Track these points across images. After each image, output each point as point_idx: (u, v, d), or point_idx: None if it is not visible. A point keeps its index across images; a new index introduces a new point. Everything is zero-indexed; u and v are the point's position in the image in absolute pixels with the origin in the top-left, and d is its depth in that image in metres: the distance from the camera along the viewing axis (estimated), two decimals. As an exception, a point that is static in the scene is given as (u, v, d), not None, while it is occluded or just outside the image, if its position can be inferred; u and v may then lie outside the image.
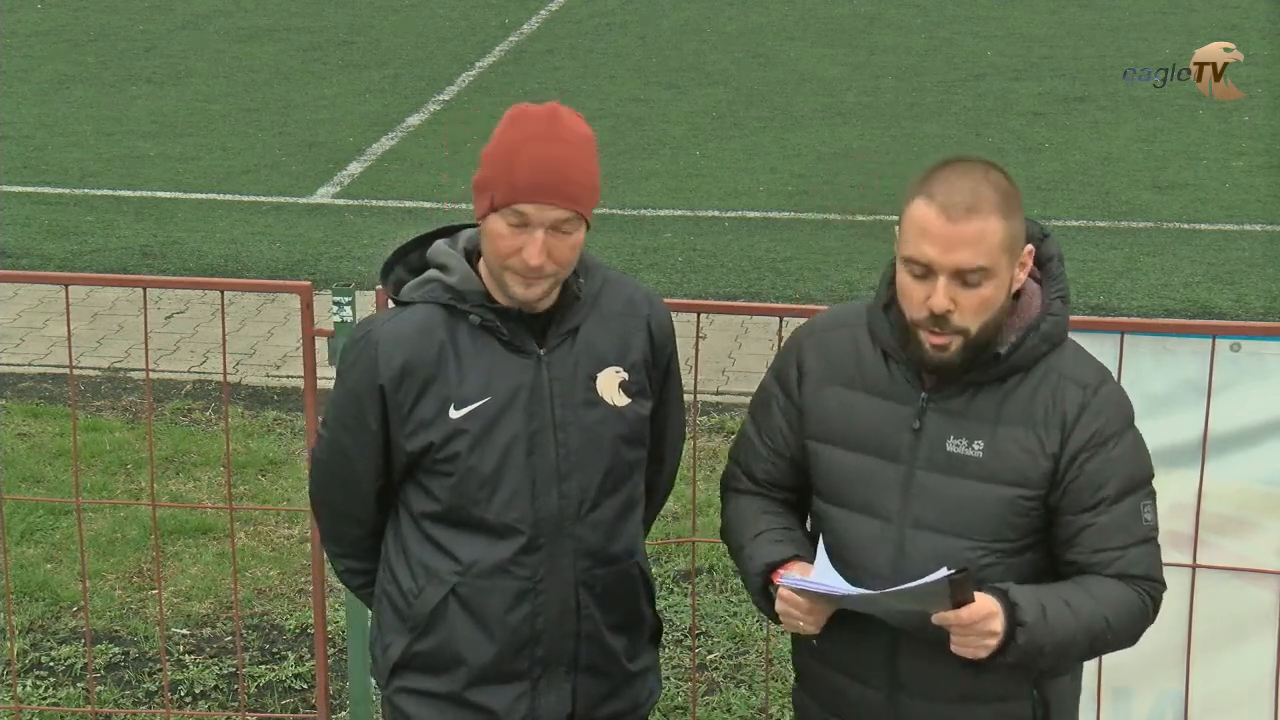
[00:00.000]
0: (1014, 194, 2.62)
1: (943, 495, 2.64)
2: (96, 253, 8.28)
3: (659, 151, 10.25)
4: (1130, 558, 2.63)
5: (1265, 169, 9.78)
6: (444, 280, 2.80)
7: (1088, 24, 13.58)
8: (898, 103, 11.36)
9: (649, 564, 2.98)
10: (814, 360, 2.76)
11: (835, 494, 2.73)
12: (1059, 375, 2.65)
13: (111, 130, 10.65)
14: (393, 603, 2.89)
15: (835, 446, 2.72)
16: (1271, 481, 3.47)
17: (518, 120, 2.76)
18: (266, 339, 7.25)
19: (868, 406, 2.70)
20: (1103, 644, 2.66)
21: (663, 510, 5.63)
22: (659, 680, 3.04)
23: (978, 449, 2.63)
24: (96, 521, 5.55)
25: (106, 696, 4.61)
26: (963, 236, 2.56)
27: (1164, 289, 7.82)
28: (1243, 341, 3.47)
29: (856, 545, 2.68)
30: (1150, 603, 2.67)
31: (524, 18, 14.02)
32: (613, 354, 2.83)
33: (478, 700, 2.84)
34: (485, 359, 2.77)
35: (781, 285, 7.86)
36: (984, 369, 2.63)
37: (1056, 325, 2.67)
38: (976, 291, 2.58)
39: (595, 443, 2.80)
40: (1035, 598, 2.57)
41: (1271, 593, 3.50)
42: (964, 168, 2.62)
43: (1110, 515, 2.62)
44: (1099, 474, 2.62)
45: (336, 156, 10.10)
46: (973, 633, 2.52)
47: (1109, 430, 2.64)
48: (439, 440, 2.77)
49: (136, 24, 13.71)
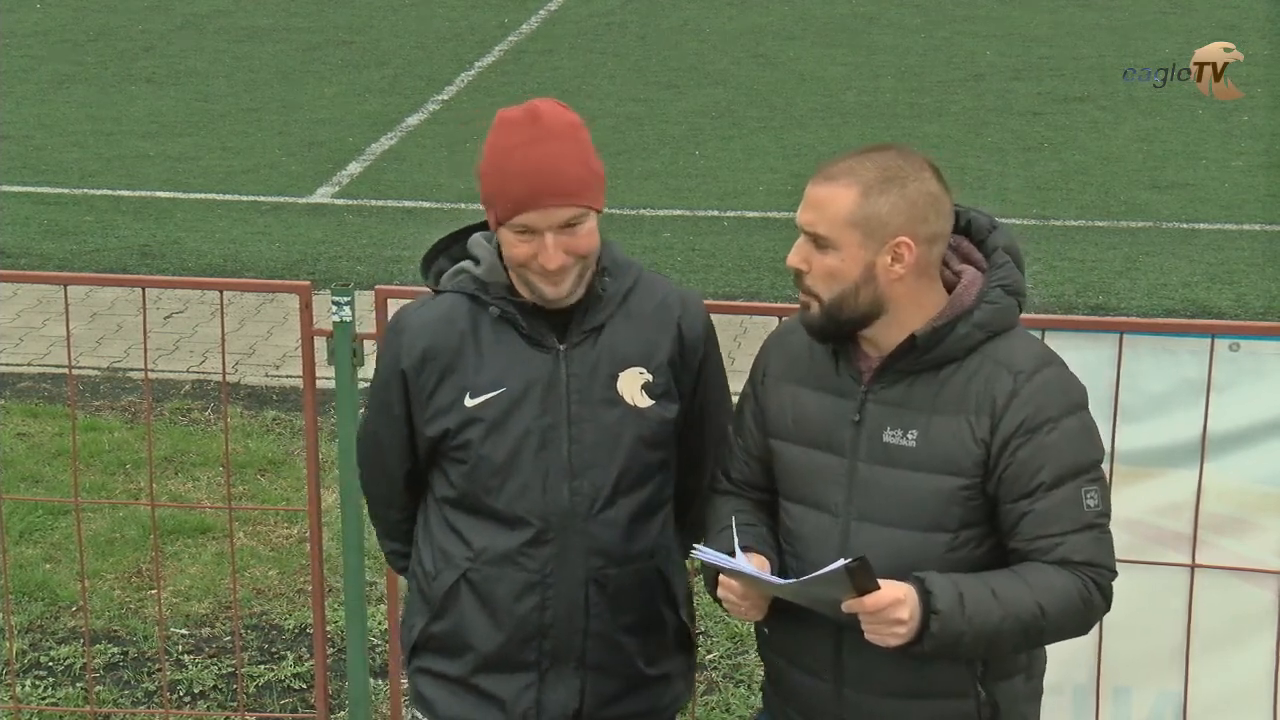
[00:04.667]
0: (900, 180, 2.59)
1: (882, 487, 2.65)
2: (96, 252, 8.28)
3: (658, 151, 10.25)
4: (1071, 544, 2.60)
5: (1264, 169, 9.78)
6: (472, 271, 2.83)
7: (1087, 24, 13.58)
8: (897, 103, 11.36)
9: (680, 569, 2.95)
10: (775, 360, 2.79)
11: (790, 489, 2.75)
12: (994, 363, 2.63)
13: (111, 130, 10.65)
14: (419, 584, 2.95)
15: (789, 443, 2.74)
16: (1270, 481, 3.47)
17: (500, 129, 2.76)
18: (266, 339, 7.24)
19: (815, 401, 2.72)
20: (1039, 633, 2.62)
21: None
22: (689, 687, 3.02)
23: (911, 439, 2.63)
24: (95, 521, 5.55)
25: (105, 696, 4.61)
26: (811, 198, 2.62)
27: (1163, 289, 7.81)
28: (1241, 341, 3.46)
29: (809, 539, 2.70)
30: (1095, 590, 2.62)
31: (523, 18, 14.02)
32: (637, 354, 2.83)
33: (486, 687, 2.86)
34: (504, 351, 2.79)
35: (780, 285, 7.85)
36: (909, 357, 2.64)
37: (995, 313, 2.64)
38: (822, 258, 2.60)
39: (611, 442, 2.80)
40: (954, 586, 2.55)
41: (1271, 592, 3.49)
42: (874, 147, 2.66)
43: (1047, 501, 2.59)
44: (1032, 460, 2.59)
45: (336, 156, 10.10)
46: (880, 620, 2.52)
47: (1042, 416, 2.60)
48: (454, 427, 2.80)
49: (136, 24, 13.71)
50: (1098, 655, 3.53)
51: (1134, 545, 3.40)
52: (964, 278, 2.68)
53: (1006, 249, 2.71)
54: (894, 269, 2.61)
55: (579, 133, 2.75)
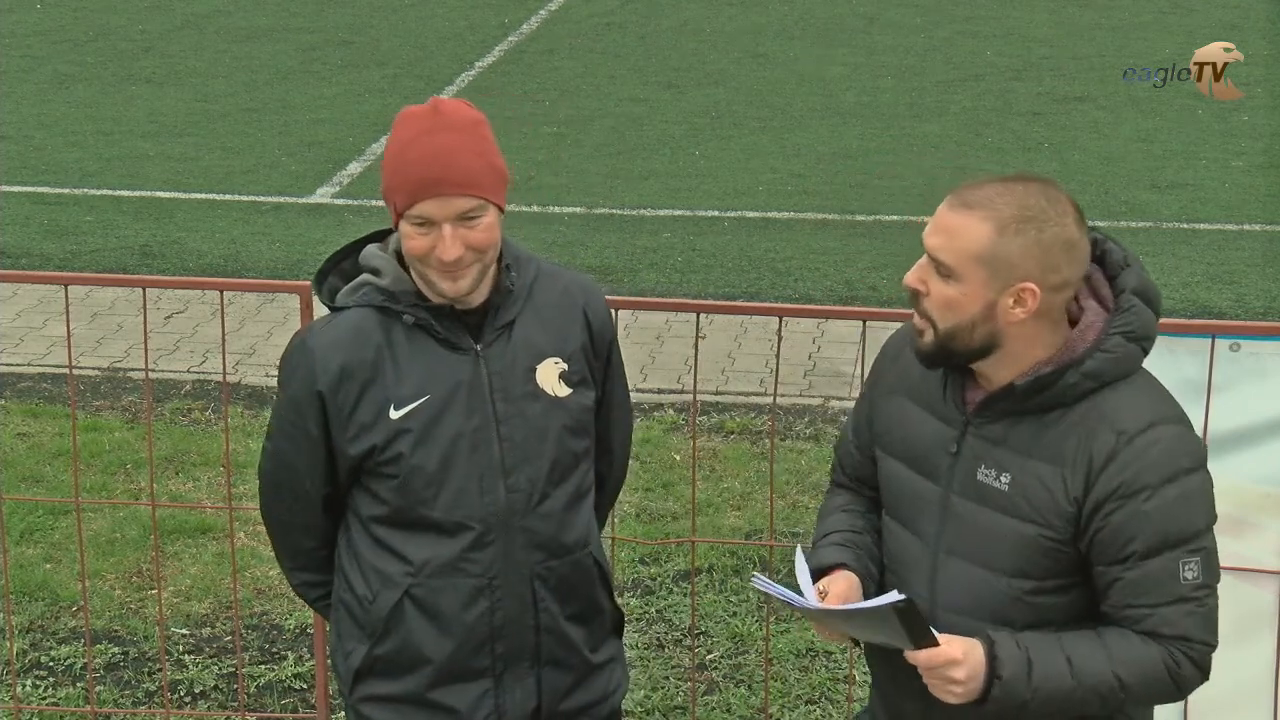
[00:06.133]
0: (1037, 221, 2.47)
1: (972, 524, 2.58)
2: (96, 252, 8.28)
3: (658, 151, 10.25)
4: (1161, 616, 2.49)
5: (1264, 169, 9.78)
6: (376, 283, 2.80)
7: (1087, 24, 13.59)
8: (897, 103, 11.36)
9: (604, 554, 2.98)
10: (892, 367, 2.73)
11: (891, 505, 2.71)
12: (1099, 417, 2.50)
13: (111, 130, 10.65)
14: (349, 610, 2.88)
15: (891, 457, 2.70)
16: (1270, 481, 3.47)
17: (401, 123, 2.76)
18: (266, 339, 7.24)
19: (921, 421, 2.65)
20: (1119, 702, 2.52)
21: (660, 510, 5.67)
22: (625, 672, 3.04)
23: (1004, 482, 2.54)
24: (96, 521, 5.55)
25: (106, 696, 4.61)
26: (942, 223, 2.52)
27: (1164, 289, 7.81)
28: (1242, 341, 3.46)
29: (902, 561, 2.66)
30: (1187, 662, 2.51)
31: (523, 18, 14.02)
32: (550, 345, 2.82)
33: (441, 700, 2.83)
34: (422, 358, 2.77)
35: (781, 285, 7.86)
36: (1007, 400, 2.55)
37: (1109, 363, 2.51)
38: (942, 286, 2.51)
39: (539, 435, 2.80)
40: (1023, 653, 2.48)
41: (1271, 593, 3.50)
42: (1020, 178, 2.54)
43: (1140, 571, 2.48)
44: (1126, 527, 2.48)
45: (336, 156, 10.10)
46: (935, 677, 2.49)
47: (1139, 483, 2.47)
48: (381, 442, 2.76)
49: (136, 24, 13.71)
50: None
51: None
52: (1085, 318, 2.55)
53: (1137, 291, 2.55)
54: (1014, 312, 2.50)
55: (480, 129, 2.75)
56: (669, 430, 6.34)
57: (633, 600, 5.08)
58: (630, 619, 4.97)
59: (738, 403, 6.56)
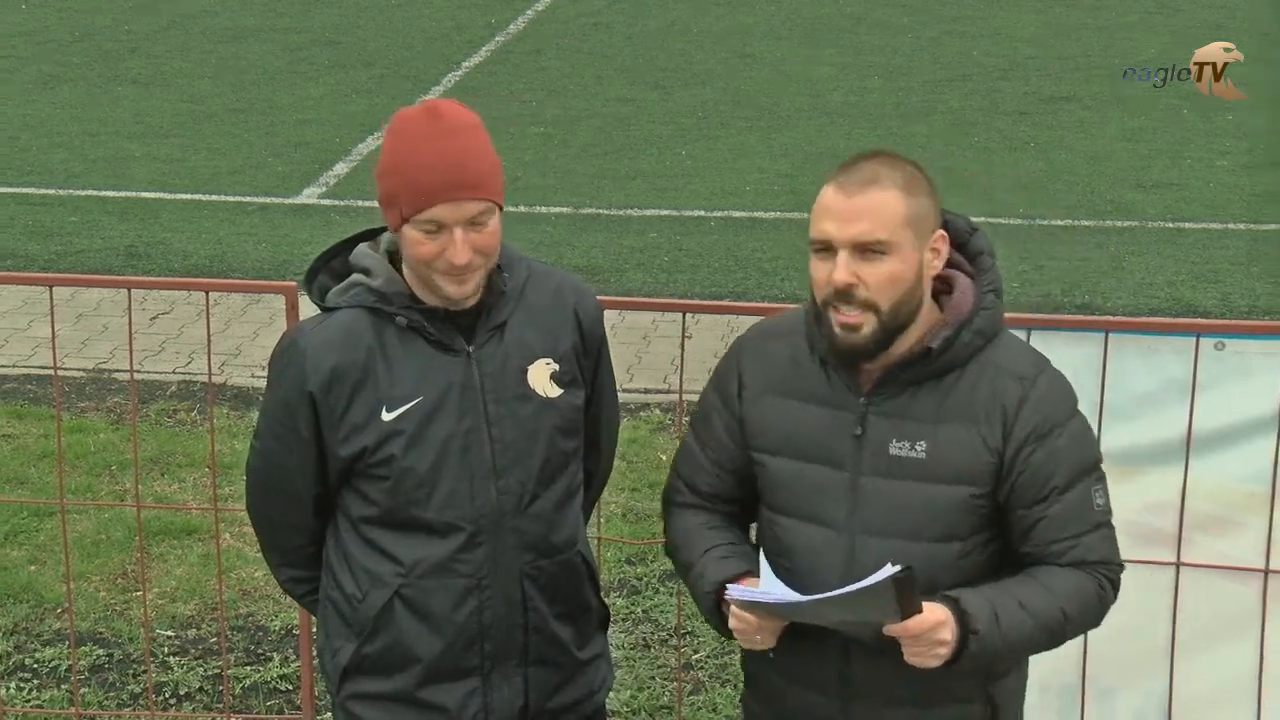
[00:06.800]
0: (921, 179, 2.60)
1: (889, 499, 2.61)
2: (81, 253, 8.26)
3: (645, 151, 10.25)
4: (1085, 544, 2.62)
5: (1249, 168, 9.81)
6: (368, 284, 2.79)
7: (1073, 24, 13.61)
8: (884, 103, 11.37)
9: (591, 551, 2.99)
10: (753, 370, 2.74)
11: (783, 504, 2.71)
12: (995, 369, 2.61)
13: (96, 131, 10.63)
14: (338, 608, 2.88)
15: (780, 456, 2.70)
16: (1254, 480, 3.48)
17: (401, 128, 2.74)
18: (252, 339, 7.23)
19: (808, 415, 2.67)
20: (1061, 636, 2.64)
21: (647, 510, 5.67)
22: (611, 667, 3.04)
23: (920, 450, 2.60)
24: (81, 523, 5.54)
25: (91, 698, 4.60)
26: (859, 208, 2.55)
27: (1149, 288, 7.83)
28: (1226, 340, 3.47)
29: (807, 554, 2.66)
30: (1109, 585, 2.66)
31: (510, 18, 14.02)
32: (542, 346, 2.82)
33: (429, 699, 2.83)
34: (414, 359, 2.76)
35: (768, 285, 7.86)
36: (918, 366, 2.61)
37: (990, 319, 2.63)
38: (880, 266, 2.55)
39: (530, 436, 2.80)
40: (988, 603, 2.54)
41: (1254, 591, 3.50)
42: (870, 154, 2.64)
43: (1061, 504, 2.60)
44: (1045, 465, 2.59)
45: (322, 157, 10.09)
46: (923, 643, 2.51)
47: (1051, 420, 2.60)
48: (373, 443, 2.76)
49: (121, 24, 13.69)
50: (1083, 655, 3.54)
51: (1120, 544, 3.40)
52: (957, 285, 2.66)
53: (990, 252, 2.69)
54: (934, 265, 2.61)
55: (480, 131, 2.75)
56: (655, 430, 6.34)
57: (619, 600, 5.08)
58: (616, 619, 4.97)
59: (724, 403, 6.56)
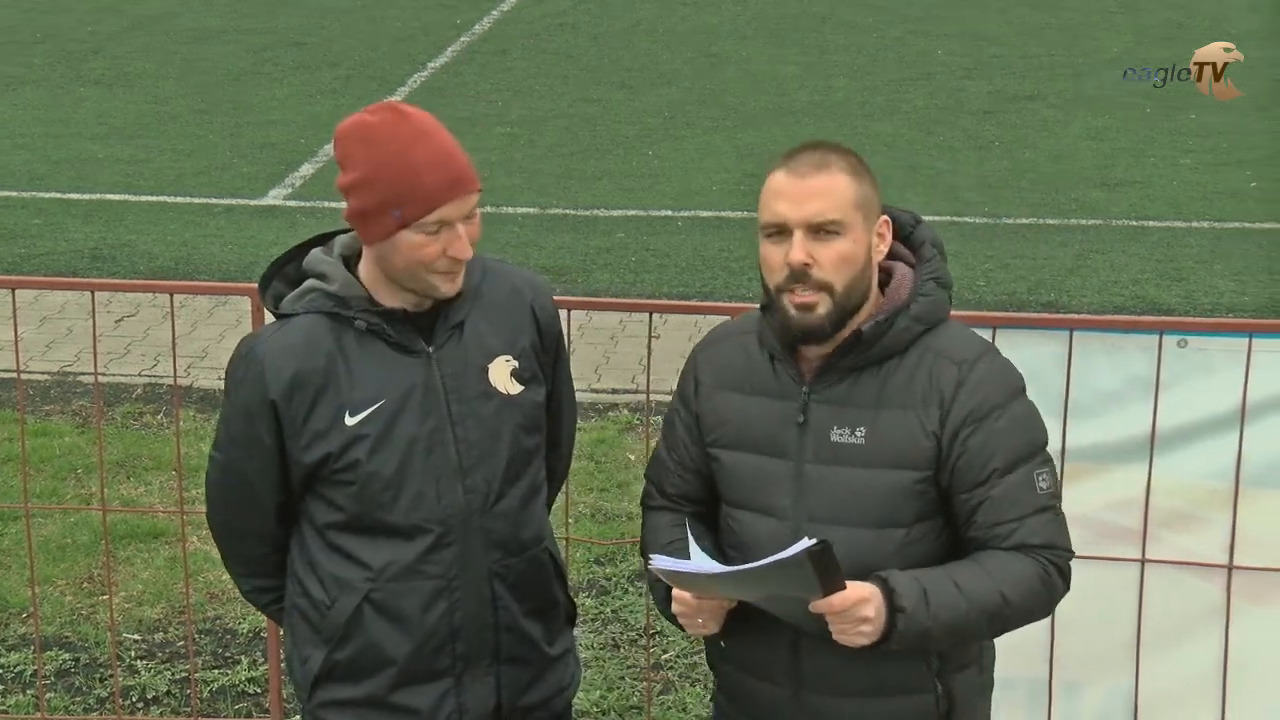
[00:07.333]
0: (864, 166, 2.66)
1: (832, 486, 2.64)
2: (45, 256, 8.21)
3: (612, 151, 10.26)
4: (1029, 527, 2.61)
5: (1212, 166, 9.88)
6: (325, 289, 2.78)
7: (1037, 23, 13.68)
8: (849, 101, 11.41)
9: (558, 547, 2.99)
10: (707, 371, 2.79)
11: (736, 497, 2.75)
12: (935, 354, 2.64)
13: (60, 132, 10.56)
14: (305, 616, 2.87)
15: (730, 450, 2.74)
16: (1218, 476, 3.50)
17: (370, 135, 2.69)
18: (218, 341, 7.20)
19: (756, 407, 2.71)
20: (1004, 620, 2.62)
21: (615, 510, 5.67)
22: (579, 662, 3.05)
23: (860, 436, 2.63)
24: (46, 527, 5.51)
25: (57, 703, 4.58)
26: (812, 189, 2.60)
27: (1113, 286, 7.88)
28: (1189, 338, 3.50)
29: (758, 545, 2.68)
30: (1055, 571, 2.64)
31: (476, 18, 14.00)
32: (501, 343, 2.82)
33: (402, 702, 2.83)
34: (375, 363, 2.76)
35: (734, 284, 7.87)
36: (855, 353, 2.64)
37: (930, 306, 2.66)
38: (833, 246, 2.59)
39: (494, 434, 2.80)
40: (916, 582, 2.55)
41: (1218, 586, 3.53)
42: (814, 143, 2.69)
43: (1002, 487, 2.60)
44: (984, 448, 2.60)
45: (288, 158, 10.05)
46: (846, 619, 2.53)
47: (989, 404, 2.62)
48: (337, 449, 2.75)
49: (84, 25, 13.61)
50: (1050, 651, 3.56)
51: (1085, 541, 3.41)
52: (896, 273, 2.70)
53: (934, 243, 2.73)
54: (880, 249, 2.67)
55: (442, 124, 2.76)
56: (623, 430, 6.34)
57: (588, 600, 5.08)
58: (586, 619, 4.97)
59: (692, 402, 6.56)
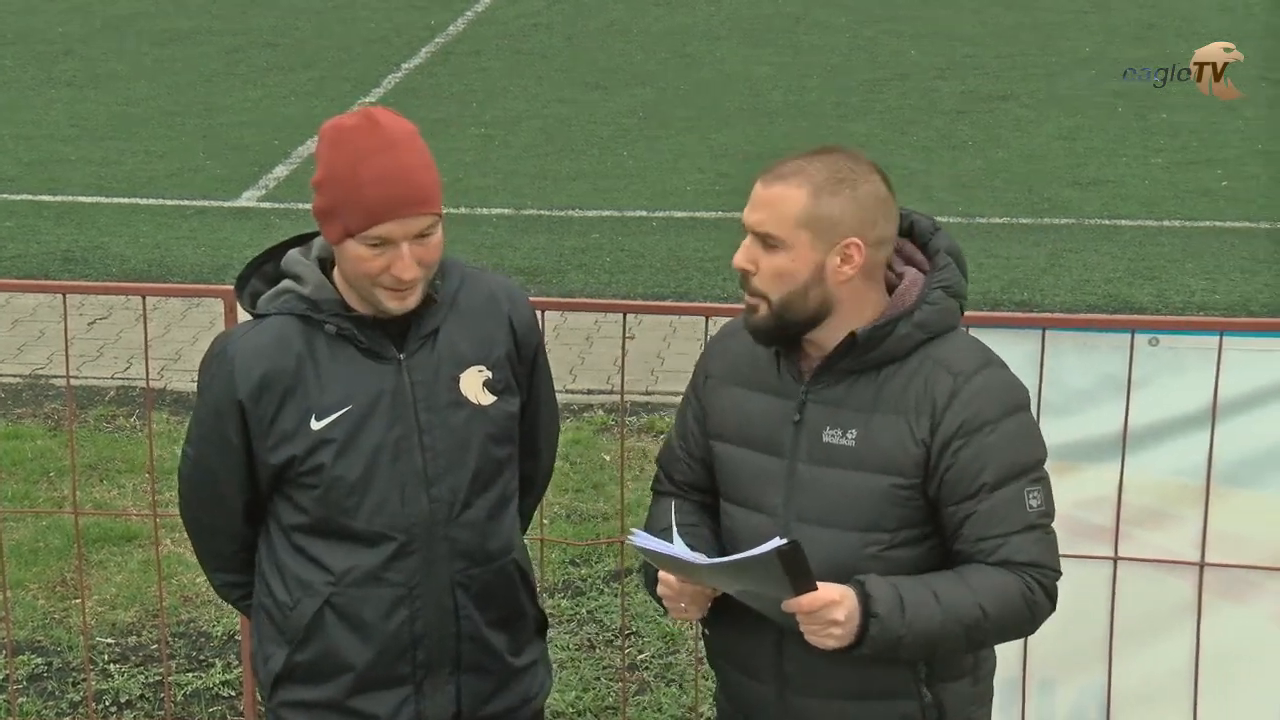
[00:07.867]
0: (854, 180, 2.60)
1: (821, 487, 2.64)
2: (17, 258, 8.17)
3: (586, 152, 10.26)
4: (1014, 544, 2.60)
5: (1183, 165, 9.92)
6: (298, 291, 2.76)
7: (1010, 23, 13.72)
8: (823, 102, 11.43)
9: (528, 559, 2.98)
10: (717, 363, 2.80)
11: (730, 490, 2.76)
12: (934, 363, 2.63)
13: (31, 134, 10.51)
14: (269, 615, 2.87)
15: (729, 444, 2.75)
16: (1190, 474, 3.52)
17: (338, 139, 2.68)
18: (191, 344, 7.18)
19: (757, 404, 2.72)
20: (982, 634, 2.61)
21: (590, 511, 5.67)
22: (549, 672, 3.04)
23: (851, 438, 2.63)
24: (18, 531, 5.48)
25: (29, 708, 4.56)
26: (763, 199, 2.62)
27: (1086, 284, 7.91)
28: (1160, 336, 3.51)
29: (748, 541, 2.67)
30: (1040, 590, 2.62)
31: (450, 19, 13.97)
32: (475, 353, 2.80)
33: (360, 707, 2.82)
34: (344, 367, 2.74)
35: (709, 285, 7.88)
36: (852, 356, 2.64)
37: (935, 314, 2.64)
38: (771, 259, 2.60)
39: (463, 444, 2.78)
40: (893, 589, 2.55)
41: (1190, 584, 3.55)
42: (822, 149, 2.67)
43: (990, 502, 2.59)
44: (974, 461, 2.59)
45: (261, 160, 10.02)
46: (816, 620, 2.53)
47: (982, 417, 2.60)
48: (302, 452, 2.74)
49: (55, 26, 13.54)
50: (1024, 649, 3.57)
51: (1058, 538, 3.44)
52: (905, 279, 2.68)
53: (949, 251, 2.70)
54: (843, 270, 2.61)
55: (418, 139, 2.71)
56: (598, 431, 6.34)
57: (563, 601, 5.08)
58: (561, 620, 4.97)
59: (666, 403, 6.57)
